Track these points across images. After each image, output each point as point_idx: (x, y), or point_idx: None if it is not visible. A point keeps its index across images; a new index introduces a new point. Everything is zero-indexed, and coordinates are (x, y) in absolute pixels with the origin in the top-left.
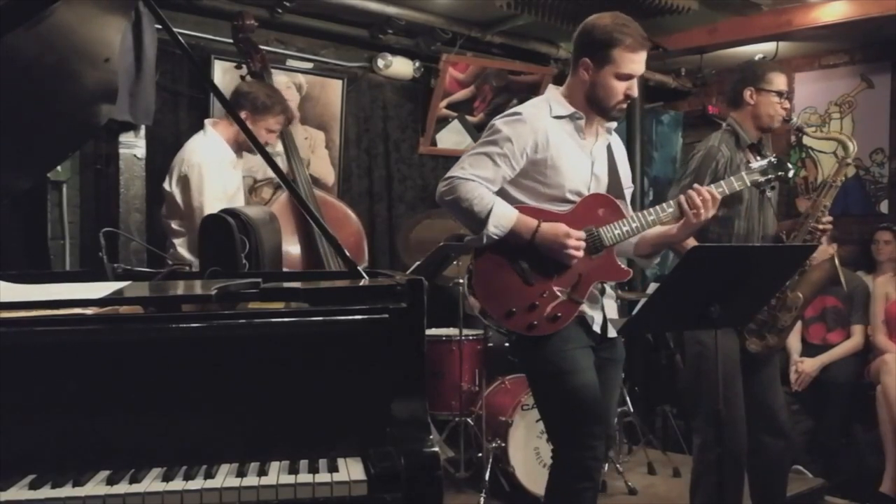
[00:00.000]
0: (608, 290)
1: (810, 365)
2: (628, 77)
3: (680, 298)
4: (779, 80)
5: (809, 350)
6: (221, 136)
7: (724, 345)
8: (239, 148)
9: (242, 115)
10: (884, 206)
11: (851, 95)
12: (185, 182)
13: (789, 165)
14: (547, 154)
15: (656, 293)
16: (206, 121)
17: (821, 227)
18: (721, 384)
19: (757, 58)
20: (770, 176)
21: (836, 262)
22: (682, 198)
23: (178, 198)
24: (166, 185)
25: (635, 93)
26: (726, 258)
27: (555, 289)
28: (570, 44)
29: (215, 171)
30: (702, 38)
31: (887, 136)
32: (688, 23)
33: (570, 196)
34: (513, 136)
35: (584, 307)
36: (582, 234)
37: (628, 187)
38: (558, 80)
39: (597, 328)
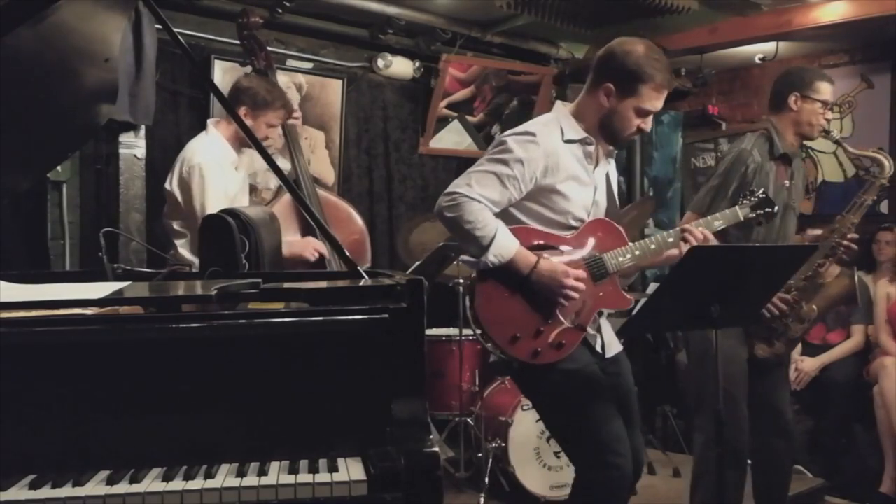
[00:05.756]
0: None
1: (810, 364)
2: (647, 113)
3: (680, 298)
4: (826, 90)
5: (809, 350)
6: (223, 134)
7: (729, 345)
8: (240, 145)
9: (242, 110)
10: (884, 206)
11: (851, 95)
12: (186, 183)
13: (774, 203)
14: (556, 179)
15: (656, 293)
16: (209, 120)
17: (845, 243)
18: (721, 384)
19: (757, 58)
20: (759, 212)
21: (856, 279)
22: (685, 233)
23: (180, 198)
24: (168, 185)
25: (648, 127)
26: (726, 258)
27: (559, 316)
28: (571, 44)
29: (216, 171)
30: (702, 38)
31: (887, 136)
32: (688, 23)
33: (573, 222)
34: (524, 159)
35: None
36: (582, 273)
37: None
38: (557, 80)
39: (598, 348)
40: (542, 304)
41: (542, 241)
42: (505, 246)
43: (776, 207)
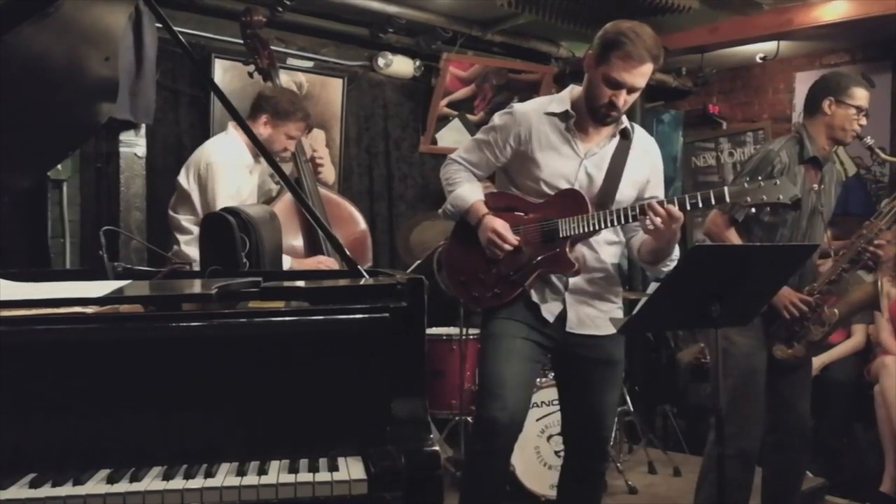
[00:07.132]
0: (605, 294)
1: None
2: (616, 84)
3: (680, 298)
4: (861, 95)
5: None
6: (242, 139)
7: (748, 345)
8: (257, 153)
9: (263, 118)
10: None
11: None
12: (203, 181)
13: (797, 194)
14: (528, 147)
15: (656, 293)
16: (230, 123)
17: (871, 248)
18: (734, 382)
19: (758, 58)
20: (775, 201)
21: (880, 287)
22: (643, 205)
23: (196, 197)
24: (182, 180)
25: (620, 103)
26: (726, 258)
27: (502, 268)
28: (571, 43)
29: (230, 172)
30: (702, 38)
31: (888, 135)
32: (688, 22)
33: (545, 189)
34: (498, 127)
35: (534, 294)
36: (513, 239)
37: (652, 195)
38: (558, 79)
39: (548, 316)
40: (486, 255)
41: (509, 203)
42: (461, 198)
43: (796, 198)
